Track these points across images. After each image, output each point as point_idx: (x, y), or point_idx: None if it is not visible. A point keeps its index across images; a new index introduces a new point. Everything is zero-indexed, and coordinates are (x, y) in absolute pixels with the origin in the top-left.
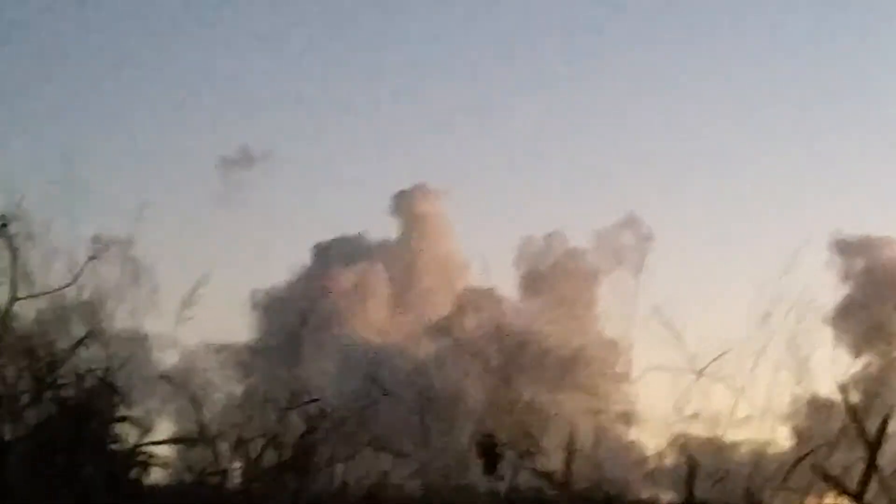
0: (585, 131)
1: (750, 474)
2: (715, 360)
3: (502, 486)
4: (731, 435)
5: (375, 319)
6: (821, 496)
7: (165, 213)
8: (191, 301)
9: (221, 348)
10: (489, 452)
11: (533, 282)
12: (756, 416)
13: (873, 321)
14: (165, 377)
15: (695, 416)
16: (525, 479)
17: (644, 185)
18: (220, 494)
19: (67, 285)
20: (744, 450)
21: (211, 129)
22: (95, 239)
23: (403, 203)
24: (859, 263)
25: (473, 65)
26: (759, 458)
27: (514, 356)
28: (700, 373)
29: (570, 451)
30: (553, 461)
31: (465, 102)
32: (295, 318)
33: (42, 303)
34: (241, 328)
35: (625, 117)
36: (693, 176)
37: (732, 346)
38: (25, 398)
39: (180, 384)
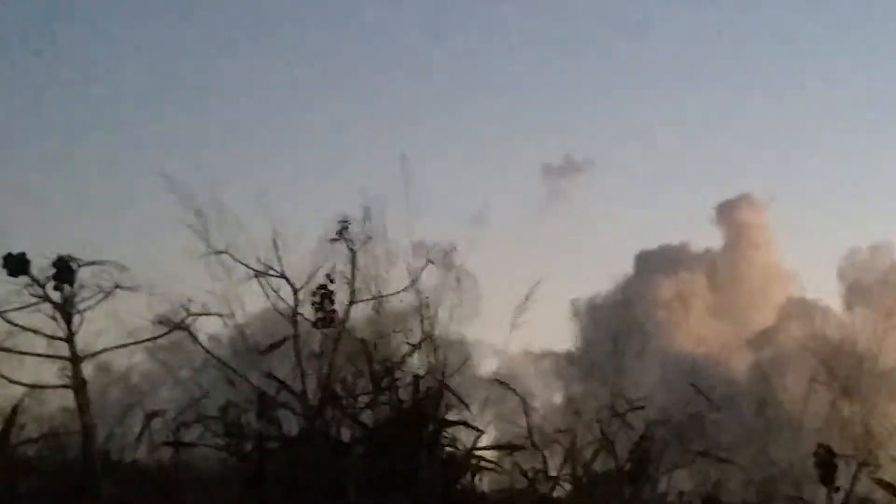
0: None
1: None
2: None
3: (839, 498)
4: None
5: (696, 329)
6: None
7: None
8: (523, 308)
9: (543, 356)
10: (827, 464)
11: (858, 293)
12: None
13: None
14: (498, 380)
15: None
16: (862, 491)
17: None
18: (551, 500)
19: (404, 289)
20: None
21: (535, 137)
22: (431, 245)
23: (726, 213)
24: None
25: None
26: None
27: (846, 368)
28: None
29: None
30: (891, 475)
31: (787, 112)
32: (616, 326)
33: (375, 307)
34: (562, 336)
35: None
36: None
37: None
38: (363, 400)
39: (509, 388)
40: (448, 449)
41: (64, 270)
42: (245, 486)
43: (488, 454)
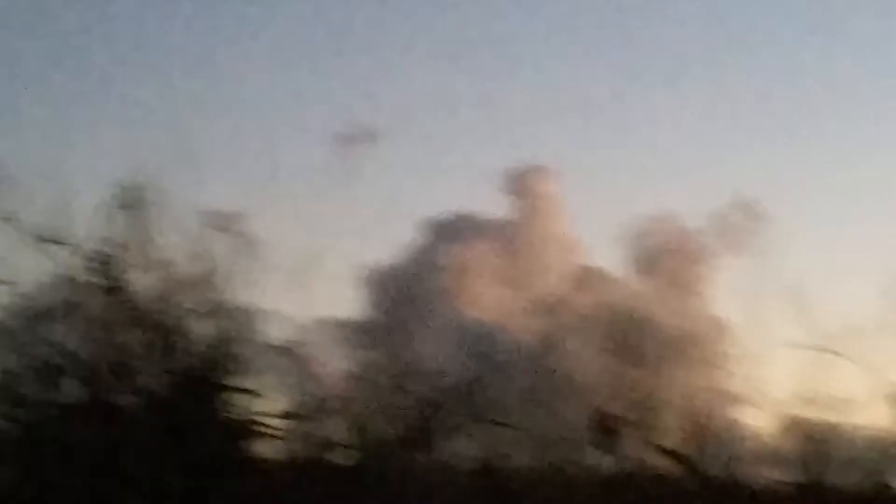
0: (696, 111)
1: (874, 456)
2: (839, 338)
3: (618, 463)
4: (853, 417)
5: (485, 297)
6: None
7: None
8: (301, 274)
9: (332, 324)
10: (606, 428)
11: (644, 262)
12: (881, 398)
13: None
14: (280, 349)
15: (815, 397)
16: (641, 457)
17: (757, 165)
18: (333, 468)
19: (190, 256)
20: (867, 432)
21: (325, 104)
22: (211, 213)
23: (516, 182)
24: None
25: (585, 47)
26: (883, 441)
27: (627, 336)
28: (822, 351)
29: (689, 425)
30: (669, 439)
31: (579, 84)
32: (405, 294)
33: (158, 274)
34: (352, 304)
35: (735, 97)
36: (807, 156)
37: (858, 325)
38: (146, 368)
39: (294, 357)
40: (231, 417)
41: None
42: (25, 456)
43: (272, 422)
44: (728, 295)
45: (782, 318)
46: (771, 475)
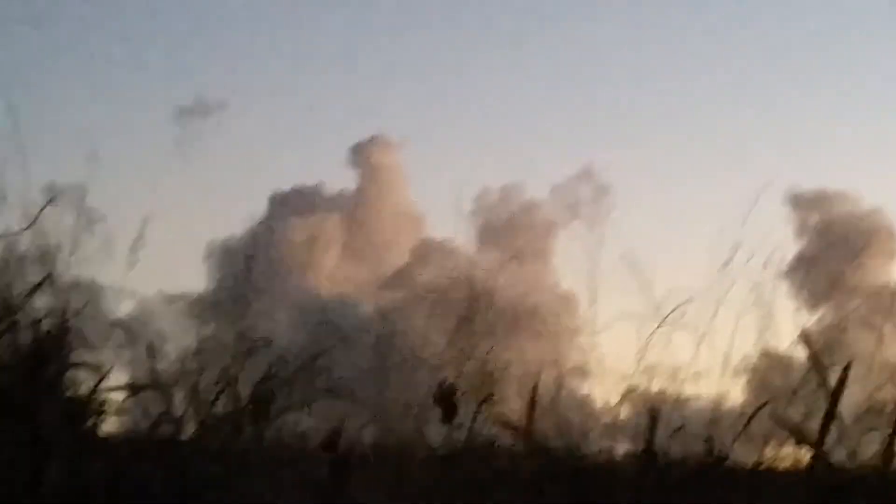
0: (541, 83)
1: (708, 425)
2: (675, 309)
3: (459, 435)
4: (689, 387)
5: (331, 270)
6: (779, 446)
7: (121, 163)
8: (138, 246)
9: (176, 298)
10: (447, 401)
11: (489, 234)
12: (716, 367)
13: (829, 274)
14: (120, 324)
15: (654, 367)
16: (483, 428)
17: (601, 136)
18: (173, 442)
19: (22, 230)
20: (702, 402)
21: (168, 79)
22: (49, 186)
23: (360, 154)
24: (815, 217)
25: (428, 15)
26: (717, 410)
27: (471, 307)
28: (660, 322)
29: (531, 399)
30: (511, 412)
31: (423, 54)
32: (248, 268)
33: None
34: (197, 278)
35: (580, 70)
36: (651, 127)
37: (693, 296)
38: None
39: (135, 331)
40: (70, 391)
41: None
42: None
43: (113, 396)
44: (572, 266)
45: (622, 289)
46: (612, 447)
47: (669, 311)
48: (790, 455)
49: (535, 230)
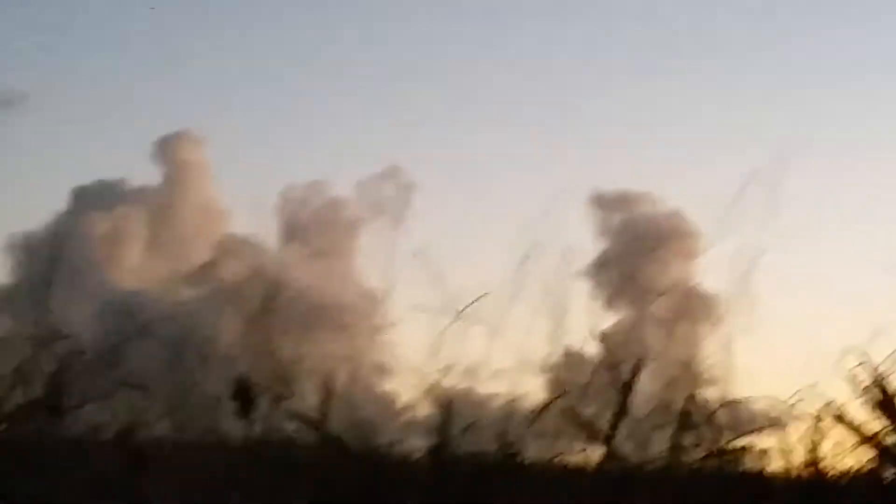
0: (348, 80)
1: (502, 421)
2: (471, 304)
3: (255, 429)
4: (486, 385)
5: (133, 265)
6: (571, 442)
7: None
8: None
9: None
10: (243, 395)
11: (293, 230)
12: (512, 365)
13: (628, 275)
14: None
15: (451, 364)
16: (279, 423)
17: (407, 135)
18: None
19: None
20: (498, 399)
21: None
22: None
23: (165, 149)
24: (617, 218)
25: (232, 10)
26: (512, 406)
27: (272, 303)
28: (456, 318)
29: (326, 392)
30: (307, 406)
31: (228, 49)
32: (49, 261)
33: None
34: None
35: (387, 68)
36: (457, 126)
37: (489, 292)
38: None
39: None
40: None
41: None
42: None
43: None
44: (375, 263)
45: (423, 286)
46: (407, 442)
47: (464, 307)
48: (582, 451)
49: (340, 227)
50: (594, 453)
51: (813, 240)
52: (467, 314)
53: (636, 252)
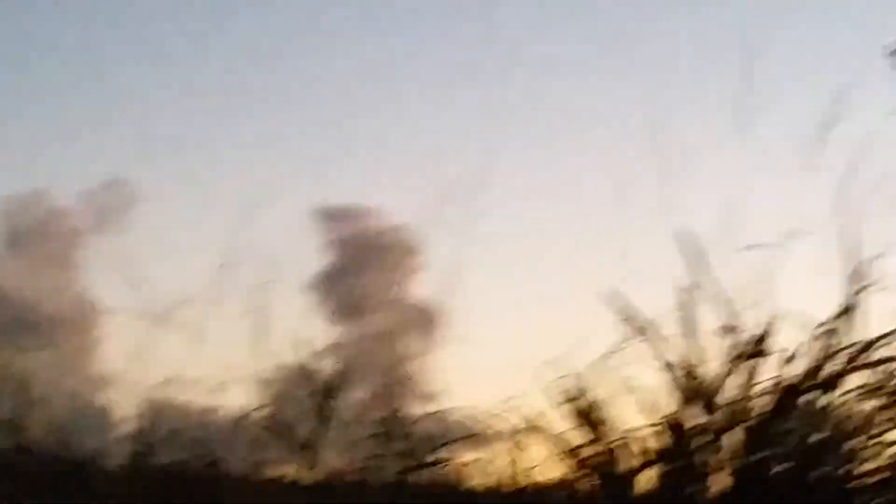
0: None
1: (205, 430)
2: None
3: None
4: (196, 395)
5: None
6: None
7: None
8: None
9: None
10: None
11: (13, 241)
12: (218, 374)
13: (351, 291)
14: None
15: (158, 374)
16: None
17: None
18: None
19: None
20: (202, 408)
21: None
22: None
23: None
24: (341, 232)
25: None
26: (215, 415)
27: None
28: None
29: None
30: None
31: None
32: None
33: None
34: None
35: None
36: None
37: (190, 298)
38: None
39: None
40: None
41: None
42: None
43: None
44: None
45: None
46: (109, 449)
47: (164, 314)
48: (286, 460)
49: (61, 238)
50: (298, 463)
51: (518, 251)
52: (172, 322)
53: (359, 267)
